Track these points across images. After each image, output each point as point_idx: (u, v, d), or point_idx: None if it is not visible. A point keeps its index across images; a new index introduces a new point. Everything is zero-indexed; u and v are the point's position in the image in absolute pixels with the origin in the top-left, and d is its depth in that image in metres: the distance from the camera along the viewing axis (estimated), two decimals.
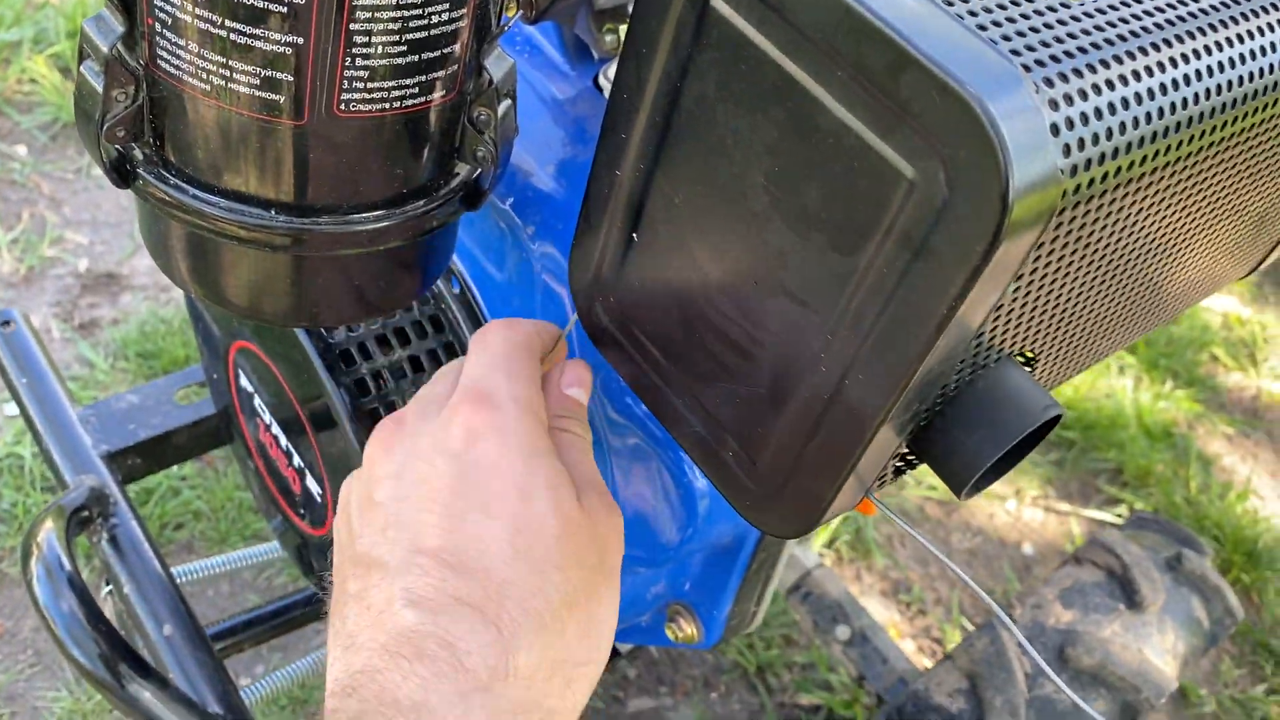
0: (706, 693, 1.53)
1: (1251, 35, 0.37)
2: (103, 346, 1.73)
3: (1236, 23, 0.36)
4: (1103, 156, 0.32)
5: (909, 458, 0.42)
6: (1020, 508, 1.89)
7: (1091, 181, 0.32)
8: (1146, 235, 0.40)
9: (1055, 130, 0.30)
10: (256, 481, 0.77)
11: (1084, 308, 0.41)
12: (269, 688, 0.85)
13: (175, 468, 1.54)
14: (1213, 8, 0.36)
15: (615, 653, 0.92)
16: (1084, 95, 0.31)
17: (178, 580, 0.85)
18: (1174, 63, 0.34)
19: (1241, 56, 0.36)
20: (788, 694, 1.54)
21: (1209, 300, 2.42)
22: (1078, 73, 0.31)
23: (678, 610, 0.69)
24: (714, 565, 0.66)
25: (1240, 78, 0.36)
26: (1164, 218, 0.39)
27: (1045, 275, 0.35)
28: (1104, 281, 0.41)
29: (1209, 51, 0.35)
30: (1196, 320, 2.35)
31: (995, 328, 0.36)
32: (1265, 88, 0.37)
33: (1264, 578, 1.89)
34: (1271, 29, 0.37)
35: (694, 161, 0.38)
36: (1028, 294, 0.35)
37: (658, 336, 0.43)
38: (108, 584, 0.85)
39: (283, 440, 0.68)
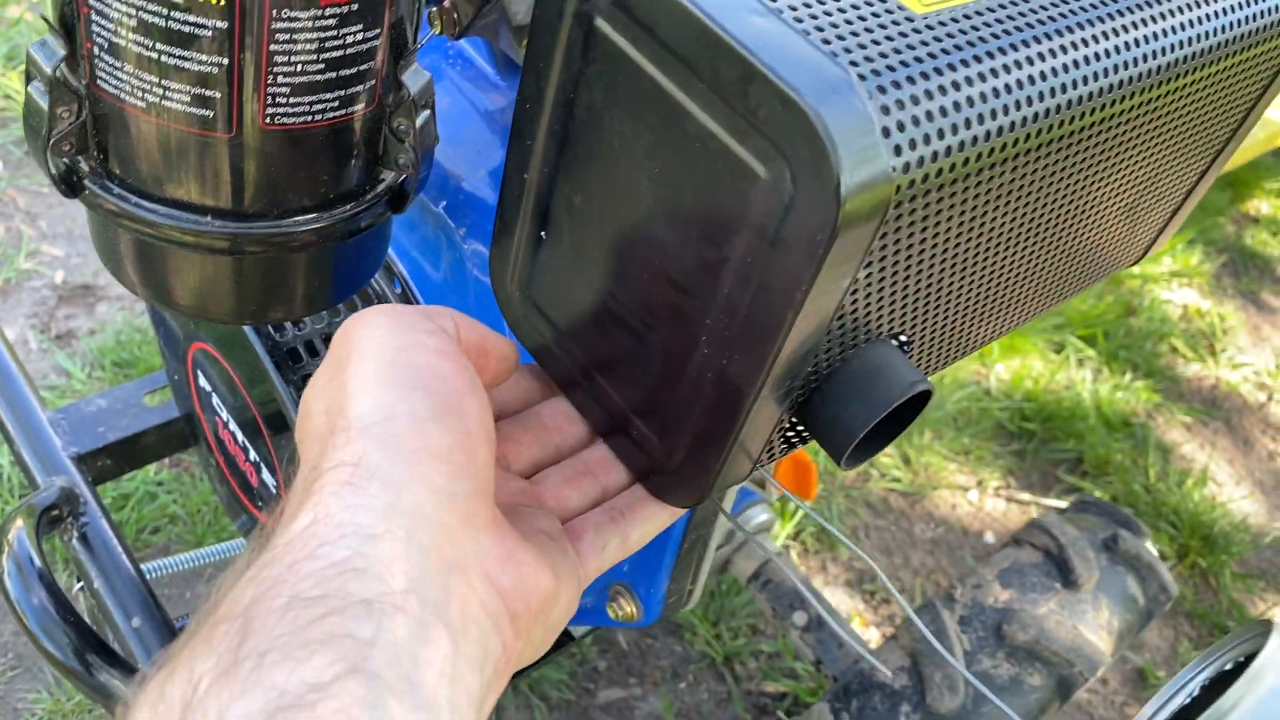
0: (675, 683, 1.57)
1: (1092, 40, 0.41)
2: (79, 356, 1.76)
3: (1073, 31, 0.40)
4: (935, 155, 0.36)
5: (797, 429, 0.46)
6: (982, 498, 1.94)
7: (926, 177, 0.36)
8: (1005, 225, 0.44)
9: (886, 133, 0.34)
10: (219, 479, 0.81)
11: (954, 293, 0.45)
12: None
13: (152, 473, 1.58)
14: (1050, 18, 0.40)
15: (568, 636, 0.96)
16: (915, 100, 0.35)
17: (147, 576, 0.88)
18: (1007, 69, 0.38)
19: (1085, 59, 0.40)
20: (754, 682, 1.58)
21: (1168, 293, 2.48)
22: (910, 80, 0.35)
23: (618, 591, 0.72)
24: (649, 547, 0.69)
25: (1079, 79, 0.40)
26: (1021, 208, 0.43)
27: (898, 262, 0.39)
28: (970, 268, 0.45)
29: (1044, 58, 0.39)
30: (1156, 312, 2.40)
31: (857, 310, 0.40)
32: (1107, 88, 0.41)
33: (1221, 561, 1.94)
34: (1110, 35, 0.41)
35: (588, 165, 0.42)
36: (883, 279, 0.39)
37: (568, 327, 0.47)
38: (79, 581, 0.88)
39: (239, 436, 0.71)
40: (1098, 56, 0.41)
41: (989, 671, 0.96)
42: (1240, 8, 0.45)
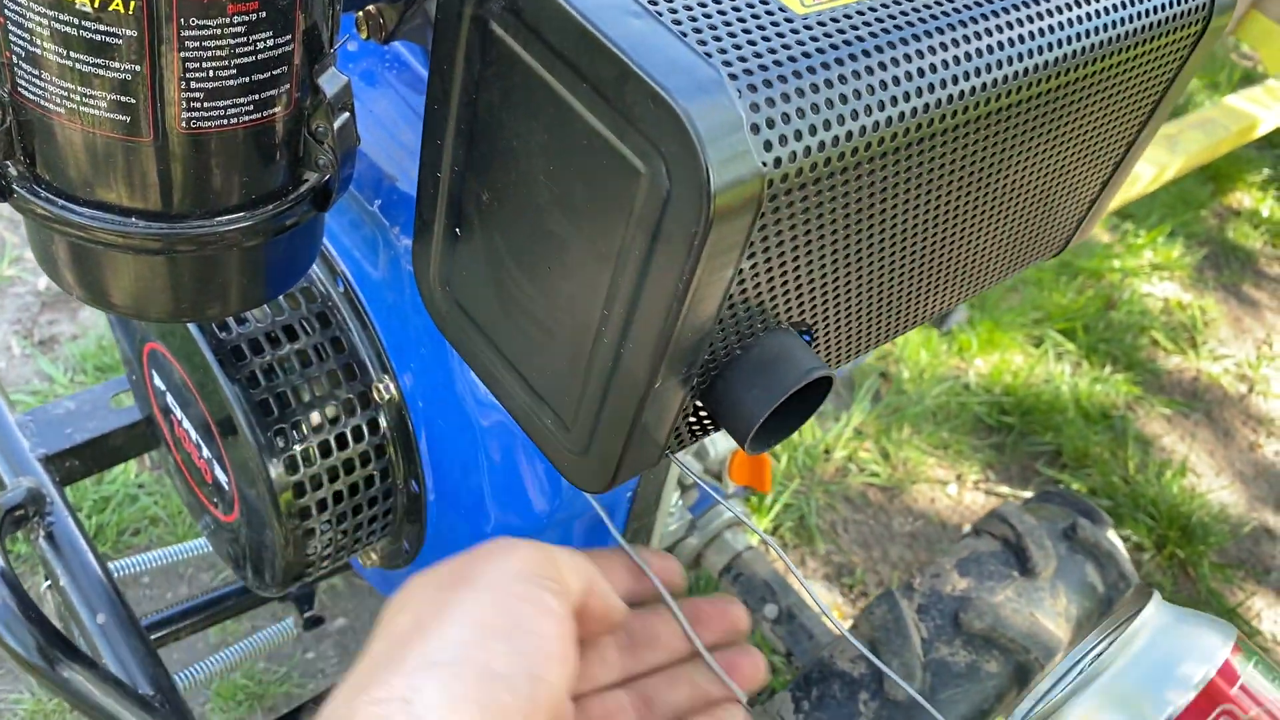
0: None
1: (970, 39, 0.42)
2: (62, 361, 1.78)
3: (952, 29, 0.42)
4: (807, 150, 0.37)
5: (703, 416, 0.47)
6: (961, 491, 1.95)
7: (800, 171, 0.37)
8: (897, 217, 0.45)
9: (755, 129, 0.36)
10: (179, 478, 0.82)
11: (853, 284, 0.47)
12: (202, 672, 0.90)
13: (133, 475, 1.59)
14: (930, 17, 0.42)
15: None
16: (786, 98, 0.37)
17: (114, 574, 0.90)
18: (883, 66, 0.40)
19: (963, 56, 0.42)
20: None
21: (1149, 286, 2.49)
22: (782, 79, 0.37)
23: None
24: (593, 535, 0.71)
25: (957, 76, 0.42)
26: (911, 201, 0.45)
27: (784, 253, 0.41)
28: (866, 259, 0.46)
29: (921, 55, 0.41)
30: (1136, 306, 2.42)
31: (749, 299, 0.42)
32: (986, 84, 0.43)
33: (1199, 552, 1.95)
34: (988, 34, 0.43)
35: (492, 164, 0.44)
36: (771, 269, 0.41)
37: (484, 320, 0.49)
38: (47, 580, 0.90)
39: (192, 434, 0.73)
40: (976, 54, 0.42)
41: (946, 659, 0.97)
42: (1121, 8, 0.46)
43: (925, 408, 2.03)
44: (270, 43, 0.44)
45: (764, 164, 0.36)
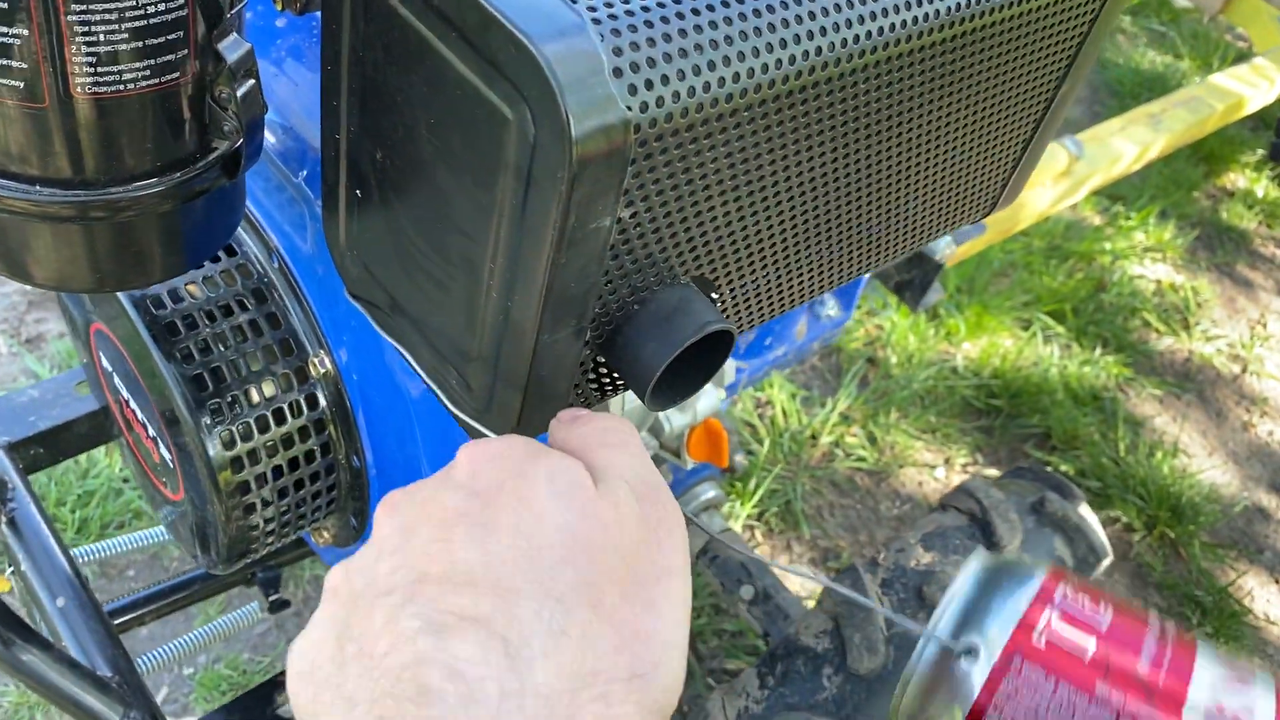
0: None
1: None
2: (49, 359, 1.79)
3: None
4: (677, 95, 0.37)
5: (605, 371, 0.48)
6: (949, 474, 1.95)
7: (670, 117, 0.38)
8: (795, 169, 0.45)
9: (618, 73, 0.36)
10: (134, 463, 0.83)
11: (755, 238, 0.47)
12: (164, 656, 0.91)
13: (117, 470, 1.60)
14: None
15: None
16: (652, 42, 0.37)
17: (77, 560, 0.91)
18: (758, 13, 0.40)
19: (850, 2, 0.42)
20: (717, 660, 1.59)
21: (1141, 268, 2.48)
22: (649, 23, 0.37)
23: None
24: None
25: (840, 23, 0.42)
26: (808, 153, 0.45)
27: (668, 203, 0.41)
28: (764, 212, 0.46)
29: (803, 2, 0.41)
30: (1126, 287, 2.41)
31: (636, 250, 0.42)
32: (871, 33, 0.43)
33: (1189, 531, 1.95)
34: None
35: (381, 121, 0.44)
36: (656, 219, 0.41)
37: (388, 280, 0.49)
38: (9, 566, 0.91)
39: (139, 413, 0.73)
40: (861, 1, 0.42)
41: (909, 632, 0.97)
42: None
43: (913, 391, 2.03)
44: (162, 7, 0.44)
45: (630, 109, 0.36)
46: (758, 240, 0.47)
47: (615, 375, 0.48)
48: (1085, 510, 1.17)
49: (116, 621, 0.95)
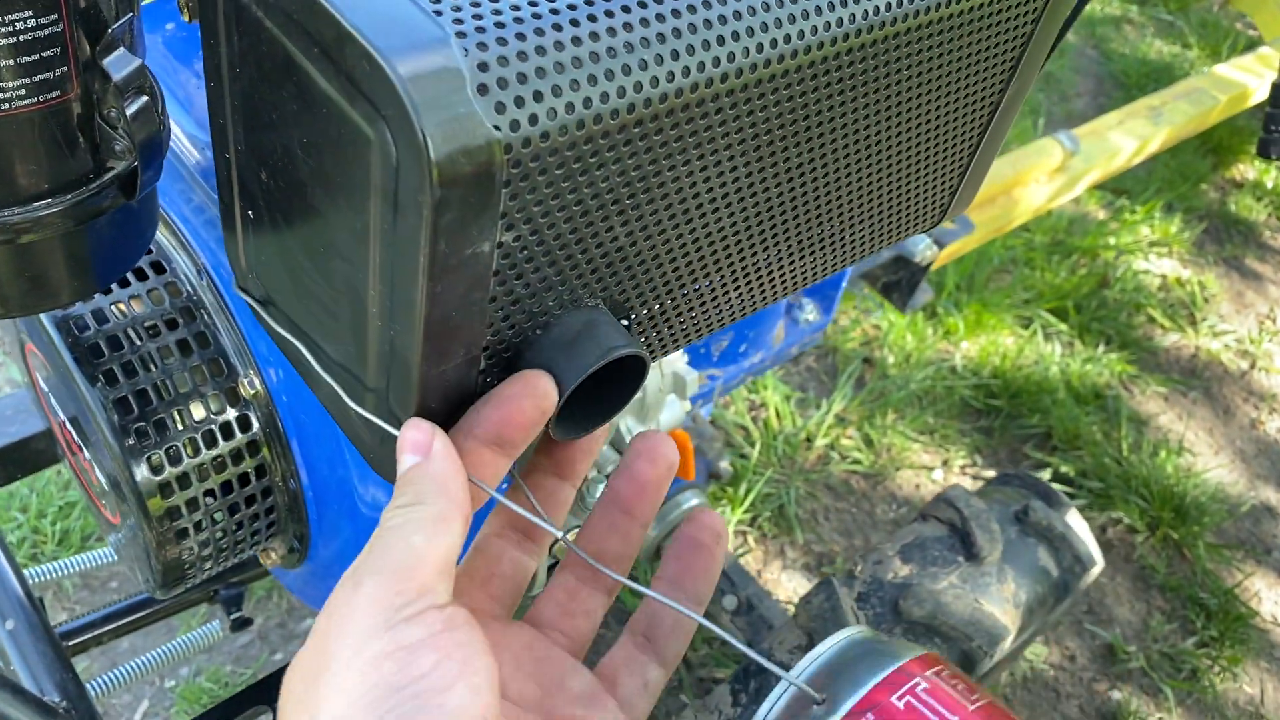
0: None
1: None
2: None
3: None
4: (553, 112, 0.35)
5: None
6: (947, 476, 1.92)
7: (548, 136, 0.35)
8: (708, 186, 0.43)
9: (483, 90, 0.33)
10: (79, 485, 0.81)
11: (666, 257, 0.45)
12: (117, 679, 0.89)
13: None
14: None
15: None
16: (523, 56, 0.34)
17: (29, 581, 0.89)
18: (647, 22, 0.37)
19: (751, 9, 0.39)
20: (706, 669, 1.57)
21: (1146, 263, 2.44)
22: (521, 36, 0.35)
23: None
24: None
25: (738, 32, 0.39)
26: (724, 169, 0.42)
27: (558, 225, 0.38)
28: (677, 230, 0.44)
29: (697, 10, 0.38)
30: (1131, 283, 2.37)
31: (526, 275, 0.39)
32: (789, 38, 0.40)
33: (1193, 532, 1.91)
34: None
35: (262, 140, 0.41)
36: (545, 244, 0.39)
37: (286, 306, 0.47)
38: None
39: (75, 435, 0.71)
40: (763, 8, 0.40)
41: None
42: None
43: (910, 392, 2.00)
44: (32, 24, 0.42)
45: (498, 128, 0.34)
46: (671, 260, 0.45)
47: None
48: (1073, 518, 1.14)
49: (72, 643, 0.93)
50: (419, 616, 0.36)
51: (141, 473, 0.63)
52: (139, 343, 0.64)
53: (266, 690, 0.84)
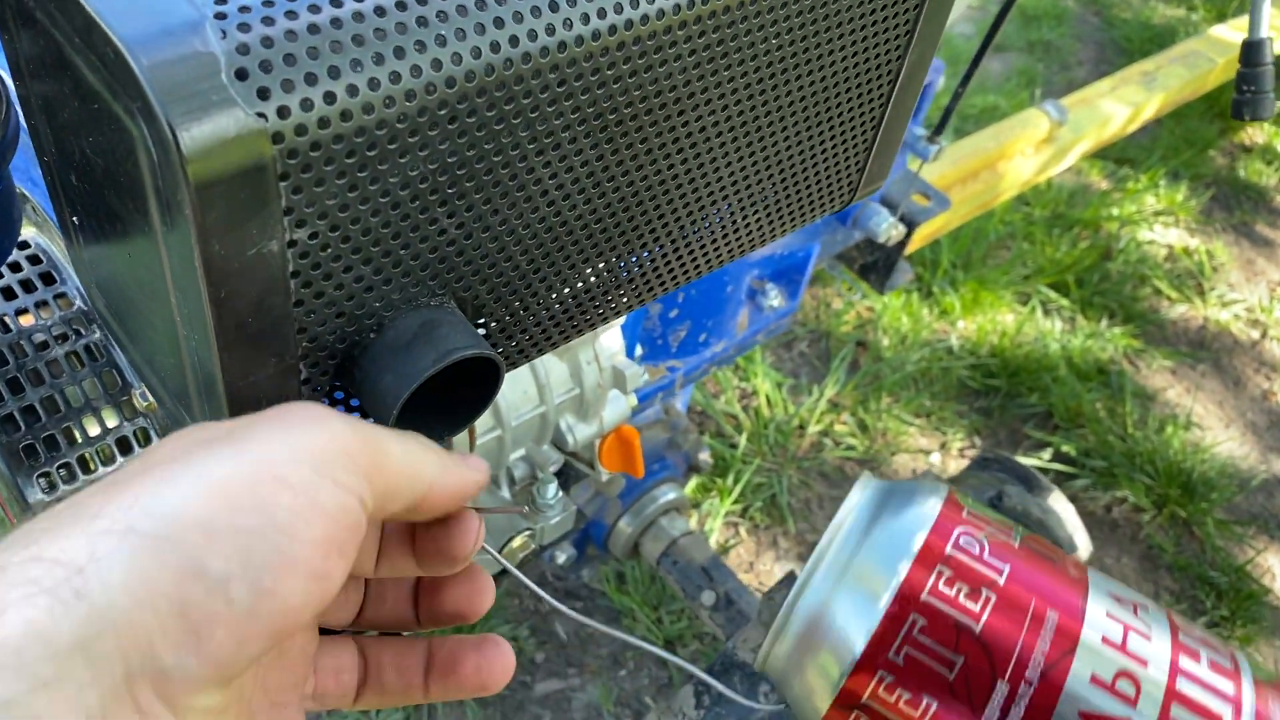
0: (615, 670, 1.54)
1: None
2: None
3: None
4: (332, 96, 0.32)
5: (356, 414, 0.42)
6: (945, 460, 1.87)
7: (327, 121, 0.32)
8: (546, 173, 0.40)
9: (242, 75, 0.30)
10: (4, 514, 0.79)
11: (522, 251, 0.41)
12: None
13: None
14: None
15: None
16: (293, 35, 0.31)
17: None
18: None
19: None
20: (697, 665, 1.54)
21: (1151, 233, 2.38)
22: (292, 14, 0.31)
23: None
24: None
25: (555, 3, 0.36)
26: (558, 153, 0.39)
27: (366, 220, 0.35)
28: (529, 223, 0.40)
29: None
30: (1135, 254, 2.31)
31: (335, 275, 0.36)
32: (621, 9, 0.37)
33: (1202, 509, 1.86)
34: None
35: (63, 141, 0.39)
36: (353, 241, 0.36)
37: (118, 315, 0.44)
38: None
39: None
40: None
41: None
42: None
43: (906, 374, 1.96)
44: None
45: (263, 115, 0.31)
46: (524, 254, 0.42)
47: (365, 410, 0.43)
48: (1055, 501, 1.09)
49: None
50: (334, 482, 0.32)
51: (34, 493, 0.61)
52: (25, 358, 0.61)
53: None
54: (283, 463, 0.31)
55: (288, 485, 0.30)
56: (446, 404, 0.43)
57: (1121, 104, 1.75)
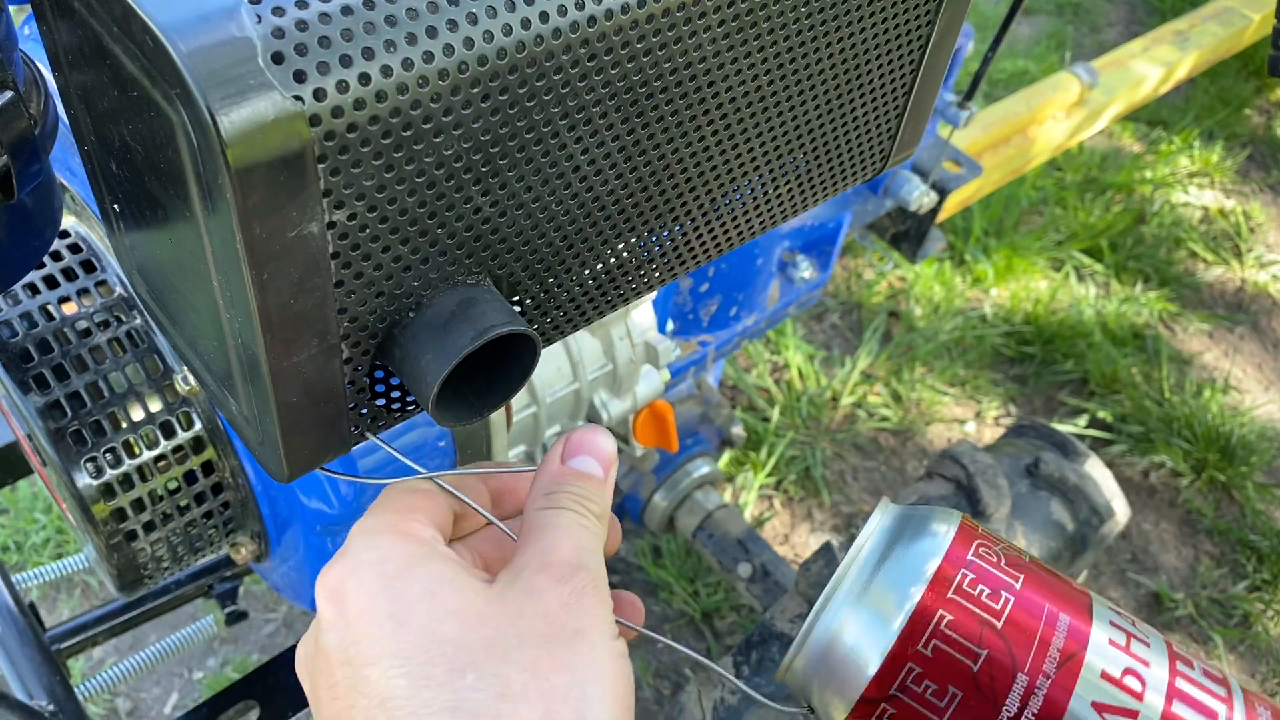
0: (653, 643, 1.54)
1: None
2: None
3: None
4: (366, 78, 0.32)
5: (395, 388, 0.43)
6: (980, 429, 1.87)
7: (363, 103, 0.32)
8: (590, 147, 0.40)
9: (279, 59, 0.31)
10: (54, 498, 0.80)
11: (544, 227, 0.42)
12: (107, 680, 0.89)
13: None
14: None
15: None
16: (327, 18, 0.32)
17: (18, 586, 0.89)
18: None
19: None
20: (734, 637, 1.55)
21: (1186, 195, 2.35)
22: None
23: None
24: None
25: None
26: (594, 128, 0.39)
27: (403, 200, 0.36)
28: (551, 197, 0.41)
29: None
30: (1169, 217, 2.28)
31: (375, 256, 0.37)
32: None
33: (1241, 472, 1.84)
34: None
35: (103, 129, 0.39)
36: (391, 221, 0.36)
37: (161, 302, 0.45)
38: None
39: (31, 446, 0.71)
40: None
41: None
42: None
43: (939, 344, 1.95)
44: None
45: (300, 99, 0.31)
46: (558, 230, 0.42)
47: (405, 391, 0.43)
48: (1092, 467, 1.09)
49: (66, 644, 0.93)
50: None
51: (81, 477, 0.62)
52: (69, 344, 0.63)
53: (253, 686, 0.83)
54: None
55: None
56: (484, 381, 0.43)
57: (1154, 64, 1.73)
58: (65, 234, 0.67)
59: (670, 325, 1.01)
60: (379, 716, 0.35)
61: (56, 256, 0.66)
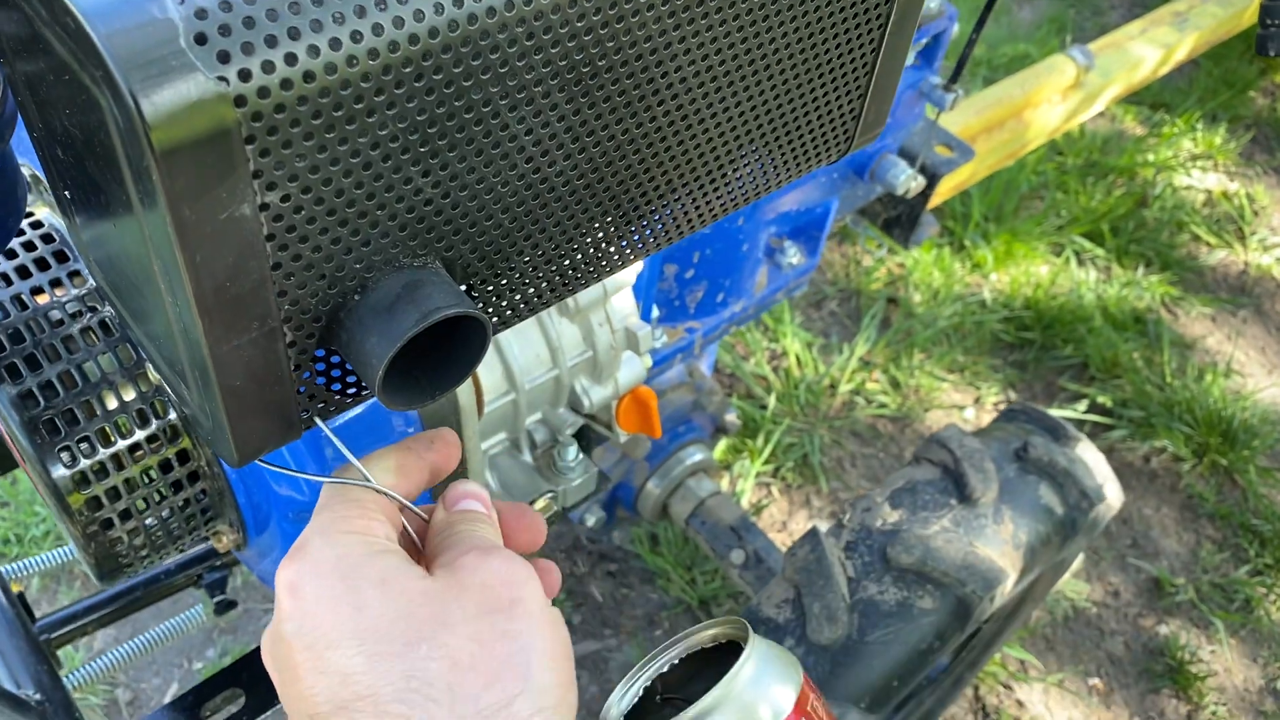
0: (651, 630, 1.55)
1: None
2: None
3: None
4: (293, 58, 0.32)
5: (345, 373, 0.43)
6: (979, 415, 1.86)
7: (290, 83, 0.32)
8: (532, 129, 0.40)
9: (202, 40, 0.31)
10: (39, 492, 0.81)
11: (502, 210, 0.42)
12: (95, 670, 0.90)
13: None
14: None
15: None
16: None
17: (8, 579, 0.90)
18: None
19: None
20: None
21: (1188, 178, 2.33)
22: None
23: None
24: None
25: None
26: (548, 109, 0.39)
27: (338, 180, 0.36)
28: (507, 182, 0.41)
29: None
30: (1171, 200, 2.26)
31: (311, 238, 0.37)
32: None
33: (1244, 456, 1.83)
34: None
35: (43, 116, 0.39)
36: (326, 203, 0.36)
37: (112, 285, 0.45)
38: None
39: (10, 439, 0.71)
40: None
41: (875, 598, 0.91)
42: None
43: (938, 330, 1.94)
44: None
45: (225, 80, 0.31)
46: (506, 212, 0.42)
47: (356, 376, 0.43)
48: (1083, 451, 1.08)
49: (55, 634, 0.94)
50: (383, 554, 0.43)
51: (56, 467, 0.62)
52: (42, 334, 0.63)
53: (238, 673, 0.83)
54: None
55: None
56: (436, 365, 0.43)
57: (1152, 46, 1.71)
58: (39, 224, 0.67)
59: (656, 312, 1.00)
60: (341, 692, 0.38)
61: (29, 246, 0.66)
